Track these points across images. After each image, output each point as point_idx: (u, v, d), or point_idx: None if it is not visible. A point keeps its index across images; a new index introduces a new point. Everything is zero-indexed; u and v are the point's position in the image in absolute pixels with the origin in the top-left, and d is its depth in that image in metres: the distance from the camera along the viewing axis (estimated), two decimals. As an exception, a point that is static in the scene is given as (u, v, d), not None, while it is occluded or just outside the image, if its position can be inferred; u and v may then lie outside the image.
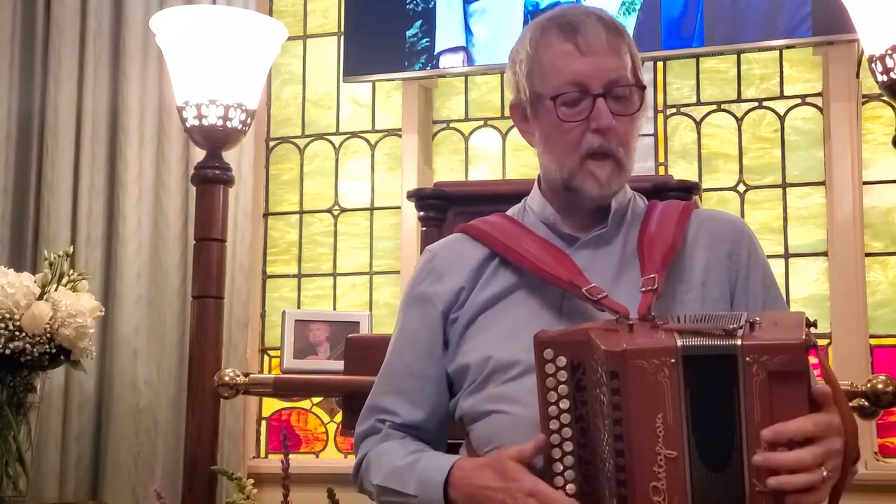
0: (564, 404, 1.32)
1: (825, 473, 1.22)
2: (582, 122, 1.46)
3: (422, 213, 2.40)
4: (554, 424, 1.33)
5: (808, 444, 1.22)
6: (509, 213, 1.61)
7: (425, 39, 3.38)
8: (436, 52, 3.37)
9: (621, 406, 1.24)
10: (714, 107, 3.31)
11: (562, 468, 1.32)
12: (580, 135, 1.46)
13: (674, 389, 1.23)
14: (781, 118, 3.25)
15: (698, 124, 3.31)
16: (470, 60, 3.34)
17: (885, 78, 2.47)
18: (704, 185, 3.19)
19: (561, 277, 1.43)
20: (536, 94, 1.50)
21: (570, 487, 1.32)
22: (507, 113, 3.39)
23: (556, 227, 1.53)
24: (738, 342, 1.23)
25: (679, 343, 1.24)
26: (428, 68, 3.38)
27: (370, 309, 3.44)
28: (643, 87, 1.50)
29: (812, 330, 1.28)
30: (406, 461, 1.48)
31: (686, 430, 1.23)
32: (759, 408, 1.22)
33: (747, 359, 1.22)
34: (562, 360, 1.32)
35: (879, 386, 2.11)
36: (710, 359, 1.24)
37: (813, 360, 1.27)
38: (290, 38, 3.25)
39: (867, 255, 3.08)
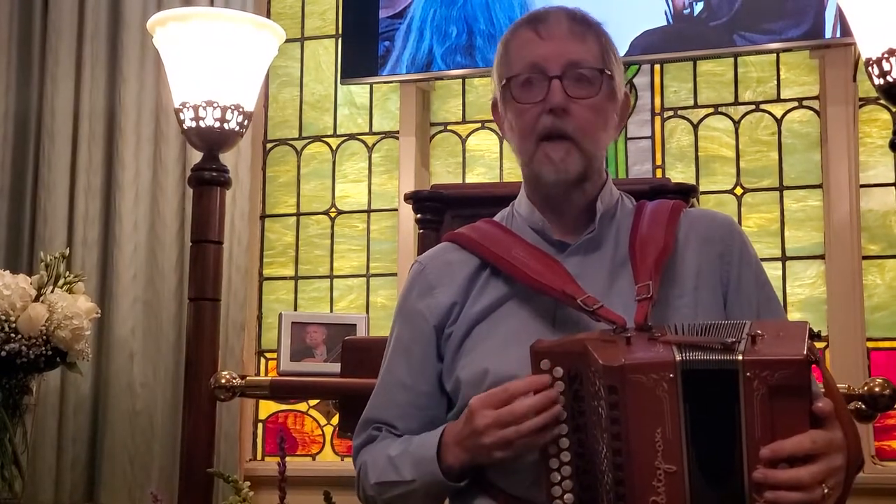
0: (562, 415, 1.31)
1: (825, 490, 1.21)
2: (538, 104, 1.46)
3: (419, 216, 2.40)
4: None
5: (808, 461, 1.21)
6: (497, 217, 1.60)
7: (423, 42, 3.37)
8: (433, 55, 3.36)
9: (620, 420, 1.24)
10: (711, 109, 3.31)
11: (559, 478, 1.32)
12: (535, 116, 1.46)
13: (673, 404, 1.22)
14: (778, 121, 3.25)
15: (695, 127, 3.31)
16: (468, 63, 3.34)
17: (881, 81, 2.47)
18: (702, 188, 3.19)
19: (554, 287, 1.42)
20: (503, 82, 1.51)
21: (569, 497, 1.31)
22: (504, 116, 3.46)
23: (545, 232, 1.51)
24: (739, 357, 1.21)
25: (678, 357, 1.23)
26: (425, 71, 3.38)
27: (367, 311, 3.44)
28: (608, 73, 1.48)
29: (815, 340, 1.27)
30: (398, 450, 1.48)
31: (685, 444, 1.22)
32: (760, 423, 1.21)
33: (748, 374, 1.21)
34: (559, 371, 1.31)
35: (876, 389, 2.12)
36: (709, 373, 1.23)
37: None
38: (287, 41, 3.25)
39: (864, 258, 3.08)
